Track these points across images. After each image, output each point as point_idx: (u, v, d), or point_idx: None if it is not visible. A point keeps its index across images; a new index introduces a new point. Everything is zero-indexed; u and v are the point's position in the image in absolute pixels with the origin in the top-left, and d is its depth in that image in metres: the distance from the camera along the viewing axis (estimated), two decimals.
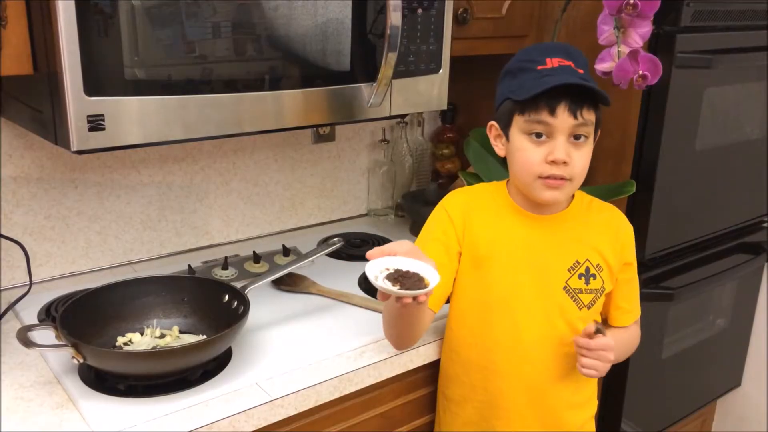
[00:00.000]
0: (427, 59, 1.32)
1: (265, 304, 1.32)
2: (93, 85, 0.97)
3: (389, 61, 1.21)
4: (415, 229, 1.77)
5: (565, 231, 1.17)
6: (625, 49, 1.13)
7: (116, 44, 0.98)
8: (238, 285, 1.22)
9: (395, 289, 0.97)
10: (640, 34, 1.12)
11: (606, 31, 1.15)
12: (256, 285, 1.23)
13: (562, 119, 1.06)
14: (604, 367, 1.11)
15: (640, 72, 1.11)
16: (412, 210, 1.80)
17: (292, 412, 1.10)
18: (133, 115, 1.02)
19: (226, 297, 1.20)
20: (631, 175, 1.50)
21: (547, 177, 1.09)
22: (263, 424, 1.07)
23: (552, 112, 1.06)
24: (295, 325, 1.28)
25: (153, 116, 1.04)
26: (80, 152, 1.00)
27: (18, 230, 1.36)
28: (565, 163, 1.07)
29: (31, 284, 1.29)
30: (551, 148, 1.07)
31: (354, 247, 1.64)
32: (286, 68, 1.17)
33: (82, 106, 0.97)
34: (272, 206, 1.71)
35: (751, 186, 1.81)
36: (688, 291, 1.64)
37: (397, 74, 1.26)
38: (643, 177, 1.48)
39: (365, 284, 1.44)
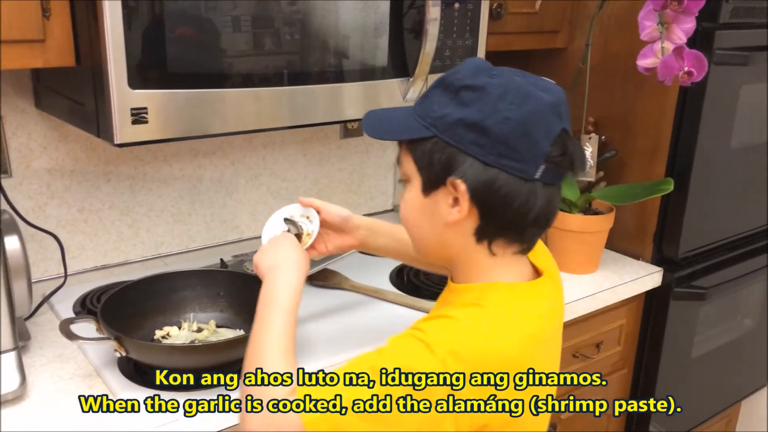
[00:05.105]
0: (463, 54, 1.31)
1: None
2: (137, 79, 0.97)
3: (427, 55, 1.20)
4: None
5: None
6: (668, 45, 1.11)
7: (160, 38, 0.98)
8: None
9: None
10: (683, 30, 1.11)
11: (648, 27, 1.14)
12: None
13: None
14: None
15: (686, 68, 1.09)
16: None
17: None
18: (175, 109, 1.02)
19: None
20: (665, 174, 1.48)
21: None
22: None
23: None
24: (329, 321, 1.27)
25: (194, 110, 1.04)
26: (122, 145, 1.00)
27: (52, 222, 1.36)
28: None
29: (66, 276, 1.29)
30: None
31: None
32: (325, 63, 1.16)
33: (126, 99, 0.97)
34: None
35: None
36: (719, 290, 1.63)
37: (433, 69, 1.25)
38: (677, 175, 1.47)
39: (397, 280, 1.44)
